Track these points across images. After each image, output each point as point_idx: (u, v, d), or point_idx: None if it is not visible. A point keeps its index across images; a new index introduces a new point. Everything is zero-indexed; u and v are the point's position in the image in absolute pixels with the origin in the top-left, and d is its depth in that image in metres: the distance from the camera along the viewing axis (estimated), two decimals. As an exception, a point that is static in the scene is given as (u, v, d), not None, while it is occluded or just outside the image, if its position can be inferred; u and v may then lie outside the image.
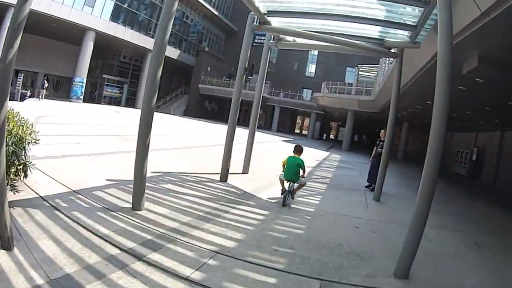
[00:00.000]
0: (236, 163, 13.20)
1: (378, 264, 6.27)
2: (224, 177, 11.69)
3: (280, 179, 10.37)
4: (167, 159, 14.25)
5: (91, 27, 43.71)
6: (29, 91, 36.92)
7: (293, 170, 10.05)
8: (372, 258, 6.54)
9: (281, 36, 13.89)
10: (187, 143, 21.40)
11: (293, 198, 10.22)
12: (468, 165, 30.70)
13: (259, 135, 39.36)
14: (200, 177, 11.73)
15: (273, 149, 26.90)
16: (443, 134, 5.82)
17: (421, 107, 24.84)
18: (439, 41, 5.90)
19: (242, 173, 13.61)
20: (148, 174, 7.98)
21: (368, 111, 42.38)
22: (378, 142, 14.67)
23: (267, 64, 14.66)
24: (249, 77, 11.93)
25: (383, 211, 11.07)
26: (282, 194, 10.07)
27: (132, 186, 7.40)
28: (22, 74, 35.20)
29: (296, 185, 10.11)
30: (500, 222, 12.44)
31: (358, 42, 12.76)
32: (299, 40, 14.17)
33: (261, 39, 50.62)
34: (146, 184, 7.54)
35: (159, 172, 11.20)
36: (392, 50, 12.68)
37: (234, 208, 8.57)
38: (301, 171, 10.23)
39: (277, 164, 17.06)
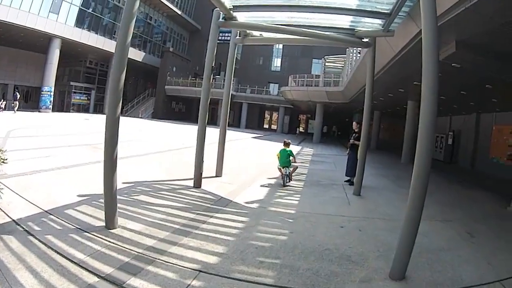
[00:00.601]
0: (210, 164, 12.79)
1: (371, 267, 5.94)
2: (197, 183, 11.14)
3: (278, 168, 13.30)
4: (139, 166, 13.72)
5: (56, 34, 43.11)
6: (1, 103, 36.78)
7: (285, 159, 13.14)
8: (364, 260, 6.19)
9: (248, 31, 13.38)
10: (158, 147, 20.67)
11: (290, 180, 13.14)
12: (445, 150, 30.75)
13: (229, 133, 39.07)
14: (173, 185, 11.20)
15: (244, 147, 26.39)
16: (435, 118, 5.46)
17: (392, 95, 24.85)
18: (424, 23, 5.59)
19: (216, 176, 13.07)
20: (119, 186, 7.95)
21: (337, 102, 42.54)
22: (352, 133, 14.34)
23: (234, 61, 14.18)
24: (217, 76, 11.17)
25: (366, 206, 10.68)
26: (282, 178, 12.92)
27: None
28: None
29: (290, 169, 13.14)
30: (487, 207, 12.29)
31: (328, 33, 12.37)
32: (267, 35, 13.72)
33: (225, 36, 50.27)
34: (118, 197, 7.13)
35: (131, 183, 10.71)
36: (364, 40, 12.24)
37: (211, 217, 8.07)
38: (291, 158, 13.25)
39: (249, 163, 16.60)
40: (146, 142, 23.36)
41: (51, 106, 44.89)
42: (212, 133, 15.13)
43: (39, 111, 42.95)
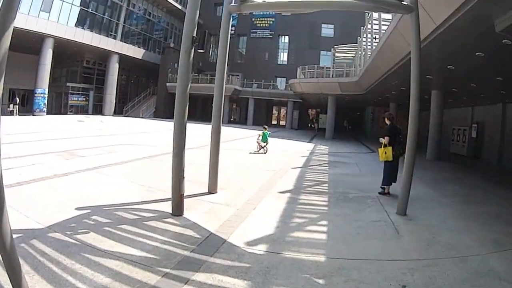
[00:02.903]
0: (203, 174, 10.39)
1: None
2: (177, 209, 7.82)
3: (258, 142, 20.88)
4: (111, 181, 10.75)
5: (48, 33, 40.81)
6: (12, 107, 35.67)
7: (266, 138, 20.87)
8: None
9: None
10: (149, 151, 17.65)
11: (265, 153, 20.07)
12: (468, 144, 27.77)
13: (233, 131, 36.27)
14: (146, 210, 8.04)
15: (250, 148, 22.91)
16: None
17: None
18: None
19: (209, 192, 9.90)
20: (71, 214, 7.11)
21: (351, 94, 39.85)
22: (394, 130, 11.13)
23: (229, 37, 10.84)
24: (200, 50, 8.33)
25: (420, 236, 7.42)
26: (260, 149, 20.46)
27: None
28: None
29: (267, 146, 20.96)
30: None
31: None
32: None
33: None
34: (57, 235, 5.94)
35: (88, 208, 7.87)
36: (405, 2, 8.91)
37: (189, 281, 4.84)
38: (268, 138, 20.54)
39: (256, 170, 13.91)
40: (138, 145, 20.41)
41: (45, 109, 42.83)
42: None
43: (33, 115, 40.97)
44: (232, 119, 65.47)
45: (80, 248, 5.65)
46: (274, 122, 71.31)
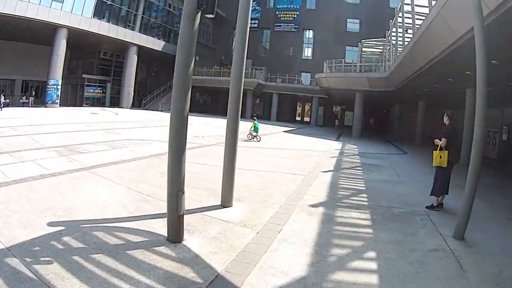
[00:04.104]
0: (216, 179, 8.82)
1: None
2: (174, 235, 5.79)
3: (251, 133, 23.41)
4: (103, 186, 8.92)
5: (61, 23, 39.55)
6: (2, 98, 34.08)
7: (257, 128, 23.59)
8: None
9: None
10: (160, 147, 15.41)
11: (259, 141, 22.81)
12: (498, 147, 25.89)
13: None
14: (133, 231, 6.09)
15: (274, 146, 21.06)
16: None
17: (452, 79, 20.22)
18: None
19: (221, 206, 7.91)
20: (40, 231, 5.62)
21: (379, 90, 37.91)
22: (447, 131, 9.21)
23: (248, 30, 8.70)
24: (208, 15, 6.53)
25: (487, 271, 5.77)
26: (252, 138, 23.18)
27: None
28: None
29: (259, 135, 23.60)
30: None
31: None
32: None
33: (252, 23, 47.10)
34: (12, 260, 4.63)
35: (63, 224, 6.18)
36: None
37: None
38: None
39: (281, 174, 12.44)
40: (149, 141, 18.65)
41: (58, 101, 41.57)
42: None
43: (45, 106, 39.88)
44: (255, 115, 63.71)
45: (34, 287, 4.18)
46: (298, 118, 69.80)
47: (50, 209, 6.72)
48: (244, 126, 8.66)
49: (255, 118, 24.84)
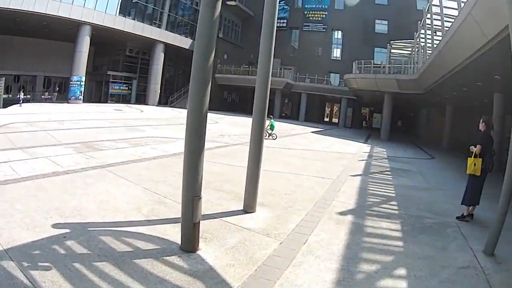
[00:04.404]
0: (239, 180, 8.43)
1: None
2: (188, 243, 5.27)
3: (266, 131, 20.74)
4: (118, 186, 8.45)
5: (84, 20, 39.39)
6: (21, 95, 33.85)
7: (273, 126, 24.08)
8: None
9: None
10: (182, 147, 14.94)
11: (274, 139, 23.06)
12: None
13: (285, 126, 34.15)
14: (145, 237, 5.60)
15: (303, 146, 20.72)
16: None
17: (481, 83, 19.38)
18: None
19: (243, 211, 7.34)
20: (43, 233, 5.27)
21: (408, 93, 37.20)
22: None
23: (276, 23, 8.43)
24: (228, 2, 6.01)
25: None
26: (268, 136, 22.90)
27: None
28: (3, 79, 32.36)
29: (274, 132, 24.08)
30: None
31: None
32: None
33: (280, 22, 46.69)
34: (8, 264, 4.33)
35: (69, 226, 5.78)
36: None
37: None
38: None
39: (308, 176, 12.02)
40: (172, 139, 18.16)
41: (81, 97, 41.38)
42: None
43: (67, 102, 39.60)
44: (283, 114, 63.22)
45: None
46: (326, 119, 68.96)
47: (57, 209, 6.33)
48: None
49: (271, 116, 25.17)
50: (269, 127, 23.57)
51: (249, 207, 7.38)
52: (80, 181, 8.36)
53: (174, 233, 5.66)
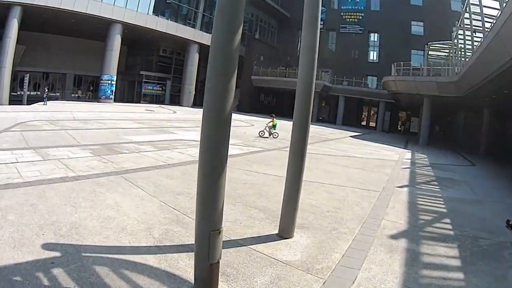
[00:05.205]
0: (274, 193, 7.87)
1: None
2: (203, 287, 4.03)
3: (267, 130, 23.66)
4: (132, 197, 7.42)
5: (115, 18, 39.19)
6: (46, 92, 33.58)
7: (276, 126, 24.06)
8: None
9: None
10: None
11: (275, 138, 23.01)
12: None
13: (322, 131, 33.01)
14: (150, 270, 4.50)
15: (344, 153, 19.36)
16: None
17: None
18: None
19: (278, 236, 6.09)
20: (29, 255, 4.56)
21: (448, 96, 35.67)
22: None
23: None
24: None
25: None
26: (270, 135, 23.52)
27: None
28: (28, 75, 33.07)
29: (277, 131, 23.89)
30: None
31: None
32: None
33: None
34: None
35: (62, 248, 4.90)
36: None
37: None
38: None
39: (351, 189, 10.93)
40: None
41: (112, 96, 41.00)
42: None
43: (98, 101, 39.52)
44: (320, 118, 62.11)
45: None
46: (363, 123, 67.71)
47: (53, 224, 5.47)
48: (311, 131, 7.02)
49: (274, 115, 26.19)
50: (272, 124, 24.71)
51: (285, 232, 6.14)
52: (89, 190, 7.40)
53: (188, 267, 4.54)
